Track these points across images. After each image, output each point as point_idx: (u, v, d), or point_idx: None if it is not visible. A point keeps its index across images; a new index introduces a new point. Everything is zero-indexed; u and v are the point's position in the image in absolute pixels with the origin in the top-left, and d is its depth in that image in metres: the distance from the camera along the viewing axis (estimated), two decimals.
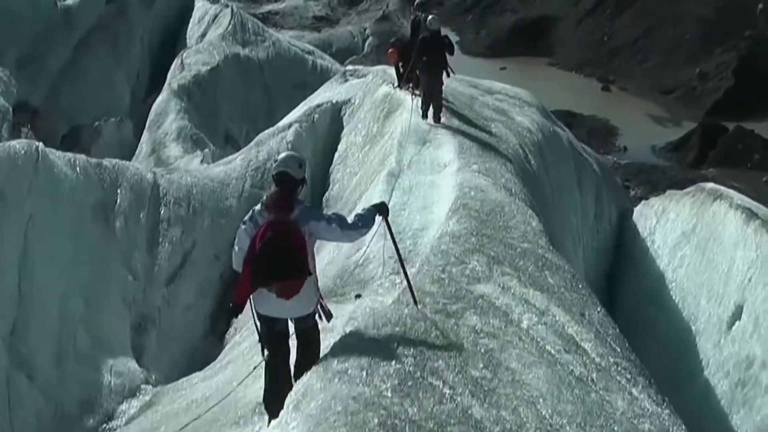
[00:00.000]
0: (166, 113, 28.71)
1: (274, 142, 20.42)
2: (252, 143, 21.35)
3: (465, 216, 10.62)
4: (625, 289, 21.62)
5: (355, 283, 10.35)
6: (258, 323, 6.91)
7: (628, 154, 41.85)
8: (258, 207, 6.71)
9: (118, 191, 17.26)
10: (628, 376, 7.48)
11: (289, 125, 21.06)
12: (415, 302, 7.68)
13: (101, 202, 16.74)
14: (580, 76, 52.29)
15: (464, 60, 46.95)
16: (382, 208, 7.24)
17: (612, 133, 44.29)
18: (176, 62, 33.13)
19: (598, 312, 8.67)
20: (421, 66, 16.93)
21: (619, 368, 7.53)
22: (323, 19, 59.55)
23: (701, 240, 19.23)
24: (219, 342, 16.58)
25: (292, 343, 7.03)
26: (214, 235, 18.17)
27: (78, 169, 16.50)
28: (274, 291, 6.48)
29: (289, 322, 6.93)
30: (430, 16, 17.40)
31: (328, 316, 6.96)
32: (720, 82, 45.89)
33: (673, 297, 19.67)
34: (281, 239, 6.38)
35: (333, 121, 21.43)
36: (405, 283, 7.85)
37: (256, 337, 13.02)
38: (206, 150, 26.30)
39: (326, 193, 19.29)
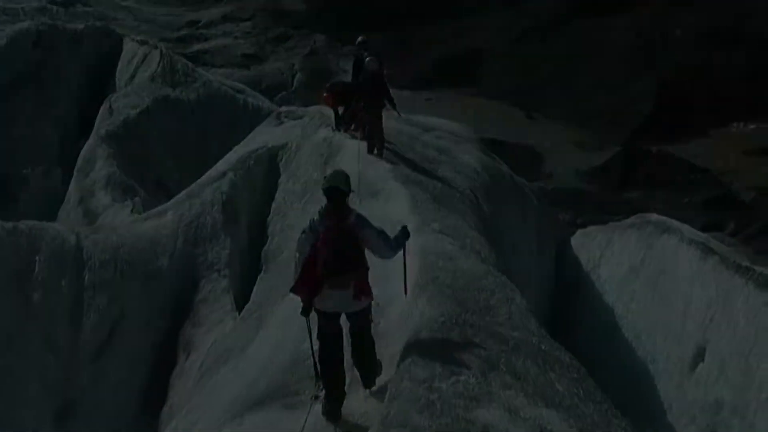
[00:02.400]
0: (94, 160, 25.77)
1: (208, 193, 17.79)
2: (183, 194, 18.54)
3: (437, 294, 8.30)
4: (572, 326, 19.88)
5: (310, 377, 7.74)
6: (310, 327, 7.18)
7: (553, 179, 40.60)
8: (316, 217, 7.03)
9: (37, 258, 14.57)
10: None
11: (224, 173, 18.47)
12: (406, 292, 7.98)
13: (16, 273, 14.04)
14: (504, 104, 50.69)
15: (391, 93, 45.15)
16: (407, 234, 7.52)
17: (538, 159, 42.98)
18: (104, 107, 30.16)
19: (624, 429, 6.48)
20: (362, 107, 15.95)
21: None
22: (252, 56, 57.72)
23: (651, 275, 17.85)
24: (153, 420, 13.97)
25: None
26: (144, 300, 15.50)
27: None
28: (335, 285, 6.84)
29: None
30: (368, 58, 16.23)
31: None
32: (642, 108, 45.21)
33: (626, 335, 18.29)
34: (341, 240, 6.84)
35: (269, 167, 18.96)
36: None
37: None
38: (136, 198, 23.51)
39: (265, 247, 16.70)
